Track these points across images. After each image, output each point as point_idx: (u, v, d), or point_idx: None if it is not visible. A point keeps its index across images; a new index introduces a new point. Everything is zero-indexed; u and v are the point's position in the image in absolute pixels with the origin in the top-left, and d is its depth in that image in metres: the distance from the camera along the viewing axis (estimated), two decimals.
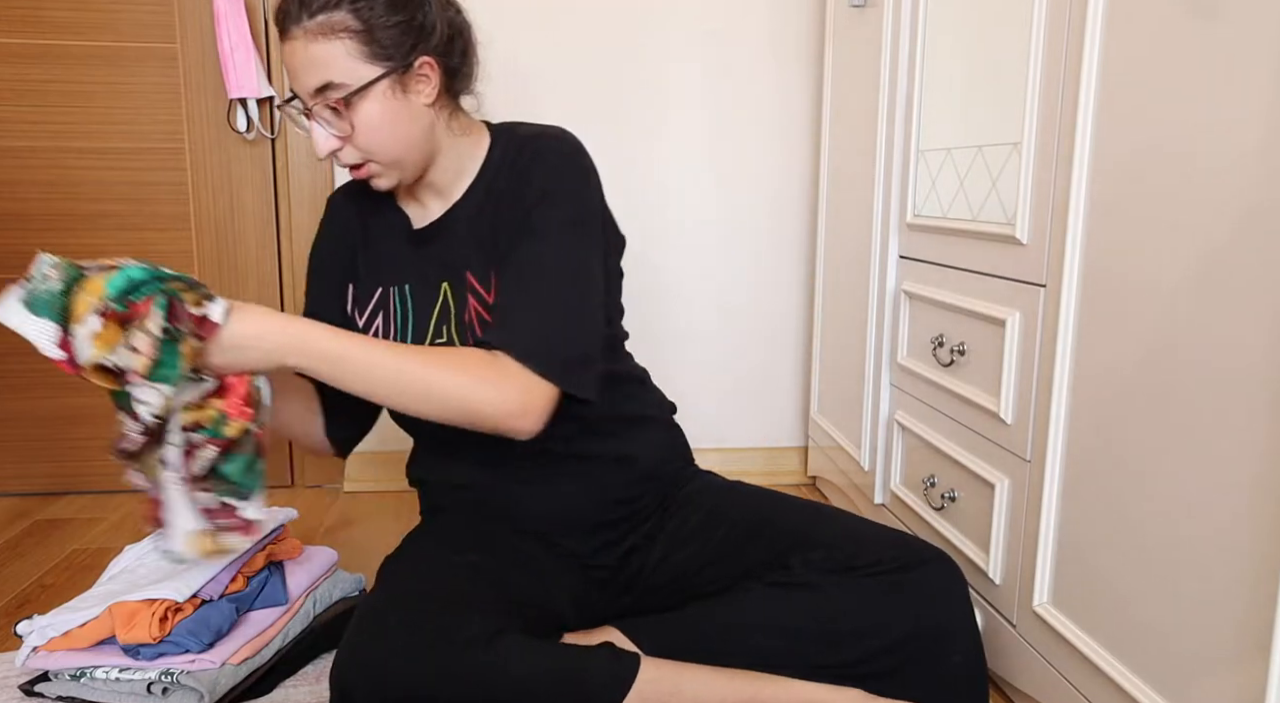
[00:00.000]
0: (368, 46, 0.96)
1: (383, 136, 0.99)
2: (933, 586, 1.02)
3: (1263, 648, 0.75)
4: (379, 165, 1.02)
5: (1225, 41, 0.80)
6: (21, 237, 1.92)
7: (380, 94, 0.97)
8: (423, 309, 1.10)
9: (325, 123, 0.98)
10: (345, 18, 0.95)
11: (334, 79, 0.96)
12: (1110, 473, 0.97)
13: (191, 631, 1.12)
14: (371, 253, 1.14)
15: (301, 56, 0.96)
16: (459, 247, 1.09)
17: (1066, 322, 1.03)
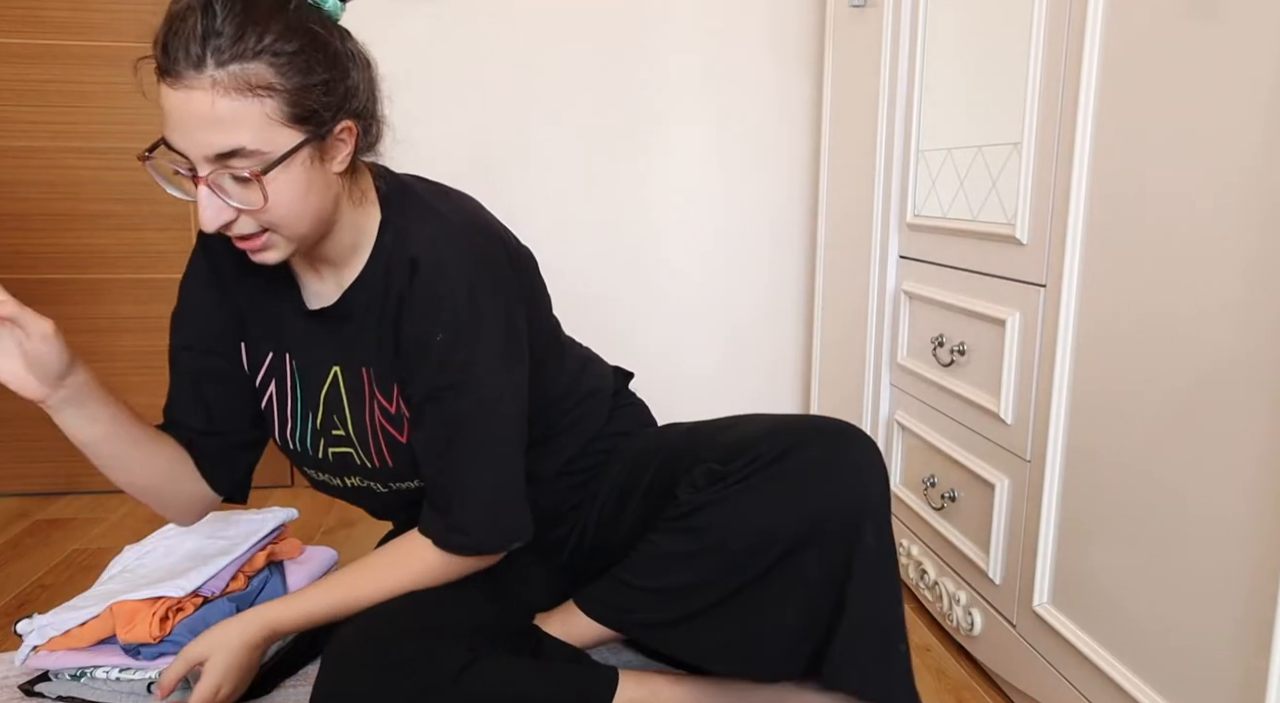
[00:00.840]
0: (290, 108, 0.79)
1: (295, 209, 0.83)
2: (814, 467, 0.92)
3: (1263, 648, 0.75)
4: (279, 238, 0.85)
5: (1225, 41, 0.80)
6: (21, 237, 1.92)
7: (299, 163, 0.81)
8: (311, 387, 1.01)
9: (222, 193, 0.80)
10: (265, 72, 0.77)
11: (247, 146, 0.78)
12: (1110, 473, 0.97)
13: (192, 630, 1.12)
14: (260, 312, 1.01)
15: (203, 112, 0.77)
16: (355, 339, 0.97)
17: (1066, 322, 1.03)
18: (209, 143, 0.78)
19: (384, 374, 0.97)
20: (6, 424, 1.99)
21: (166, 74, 0.80)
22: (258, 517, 1.36)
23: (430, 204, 0.96)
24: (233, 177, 0.80)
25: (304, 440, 1.03)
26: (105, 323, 1.97)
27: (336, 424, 1.01)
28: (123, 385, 1.99)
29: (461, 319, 0.92)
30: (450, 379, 0.92)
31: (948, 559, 1.35)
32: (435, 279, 0.91)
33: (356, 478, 1.05)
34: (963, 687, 1.25)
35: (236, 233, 0.84)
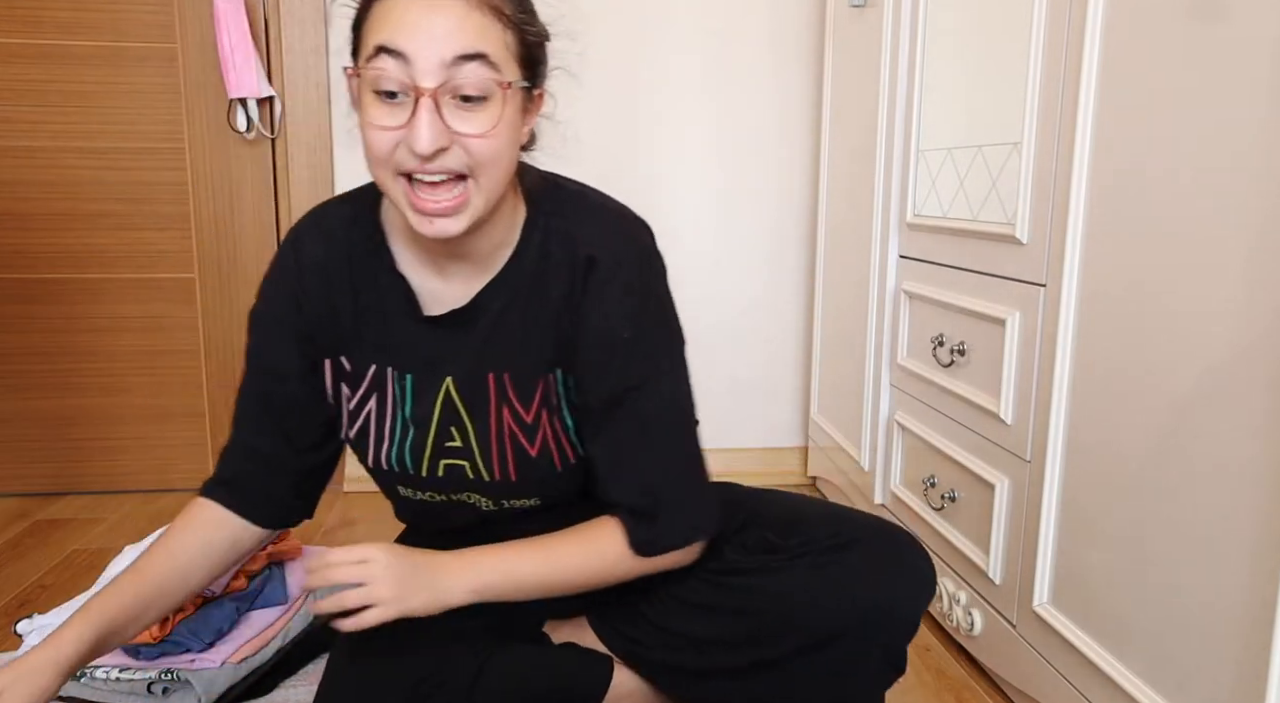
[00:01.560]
0: (520, 46, 0.78)
1: (505, 153, 0.79)
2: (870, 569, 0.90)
3: (1263, 648, 0.75)
4: (479, 192, 0.79)
5: (1225, 41, 0.80)
6: (21, 237, 1.92)
7: (516, 103, 0.78)
8: (423, 399, 0.93)
9: (455, 108, 0.75)
10: (508, 5, 0.78)
11: (490, 55, 0.75)
12: (1110, 473, 0.97)
13: (192, 630, 1.12)
14: (363, 324, 0.92)
15: (454, 17, 0.73)
16: (485, 343, 0.90)
17: (1066, 322, 1.03)
18: (454, 45, 0.73)
19: (525, 378, 0.91)
20: (6, 424, 1.99)
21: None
22: None
23: (592, 200, 0.93)
24: (461, 98, 0.75)
25: (403, 458, 0.94)
26: (105, 323, 1.97)
27: (453, 436, 0.93)
28: (123, 385, 1.99)
29: (644, 317, 0.90)
30: (638, 378, 0.89)
31: (948, 559, 1.35)
32: (616, 277, 0.88)
33: (463, 494, 0.97)
34: (963, 687, 1.25)
35: (443, 165, 0.76)
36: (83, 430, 2.01)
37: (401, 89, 0.74)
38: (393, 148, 0.75)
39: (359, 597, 0.81)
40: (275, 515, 0.96)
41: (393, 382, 0.93)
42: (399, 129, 0.74)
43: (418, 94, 0.73)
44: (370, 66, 0.74)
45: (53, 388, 1.98)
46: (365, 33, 0.76)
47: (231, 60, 1.83)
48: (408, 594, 0.82)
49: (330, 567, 0.82)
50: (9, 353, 1.96)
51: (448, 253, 0.88)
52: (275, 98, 1.92)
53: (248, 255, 1.99)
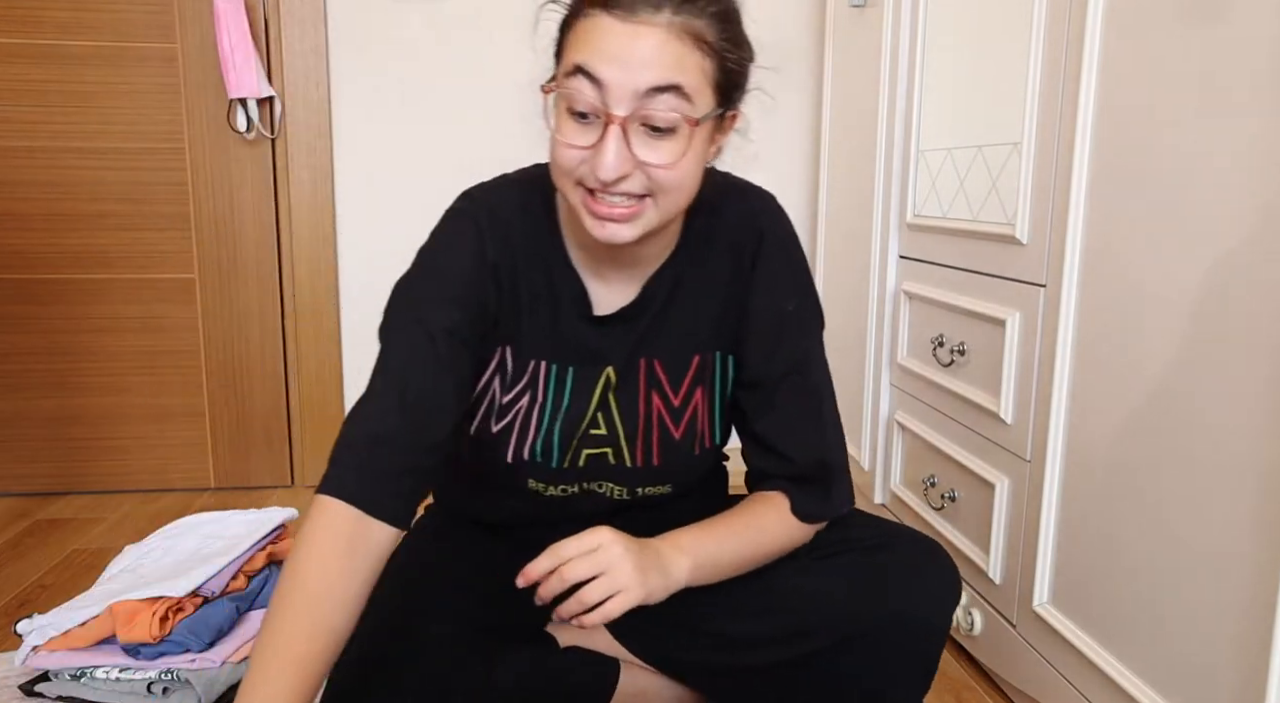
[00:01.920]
0: (718, 73, 0.79)
1: (688, 179, 0.79)
2: (899, 571, 0.91)
3: (1263, 648, 0.75)
4: (652, 210, 0.79)
5: (1225, 41, 0.80)
6: (21, 237, 1.92)
7: (705, 132, 0.79)
8: (581, 397, 0.92)
9: (643, 136, 0.76)
10: (707, 28, 0.77)
11: (684, 86, 0.75)
12: (1110, 473, 0.97)
13: (192, 630, 1.12)
14: (531, 316, 0.90)
15: (651, 47, 0.73)
16: (645, 333, 0.91)
17: (1066, 322, 1.03)
18: (649, 76, 0.74)
19: (678, 363, 0.93)
20: (6, 424, 1.99)
21: (615, 8, 0.74)
22: (258, 517, 1.36)
23: (735, 182, 0.95)
24: (650, 128, 0.76)
25: (549, 449, 0.92)
26: (105, 323, 1.97)
27: (599, 424, 0.93)
28: (123, 385, 1.99)
29: (801, 288, 0.94)
30: (803, 351, 0.93)
31: None
32: (778, 253, 0.92)
33: (592, 483, 0.95)
34: (963, 687, 1.25)
35: (623, 188, 0.77)
36: (83, 430, 2.01)
37: (593, 112, 0.75)
38: (578, 164, 0.77)
39: (603, 588, 0.77)
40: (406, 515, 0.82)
41: (550, 376, 0.92)
42: (586, 149, 0.76)
43: (608, 120, 0.74)
44: (566, 85, 0.75)
45: (53, 388, 1.98)
46: (567, 45, 0.78)
47: (231, 60, 1.83)
48: (647, 577, 0.80)
49: (565, 564, 0.78)
50: (9, 353, 1.96)
51: (615, 255, 0.88)
52: (275, 98, 1.92)
53: (248, 255, 1.99)
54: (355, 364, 2.06)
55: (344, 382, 2.06)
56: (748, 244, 0.91)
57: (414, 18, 1.93)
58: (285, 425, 2.06)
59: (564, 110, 0.77)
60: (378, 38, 1.94)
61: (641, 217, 0.79)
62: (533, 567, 0.79)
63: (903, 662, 0.93)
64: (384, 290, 1.97)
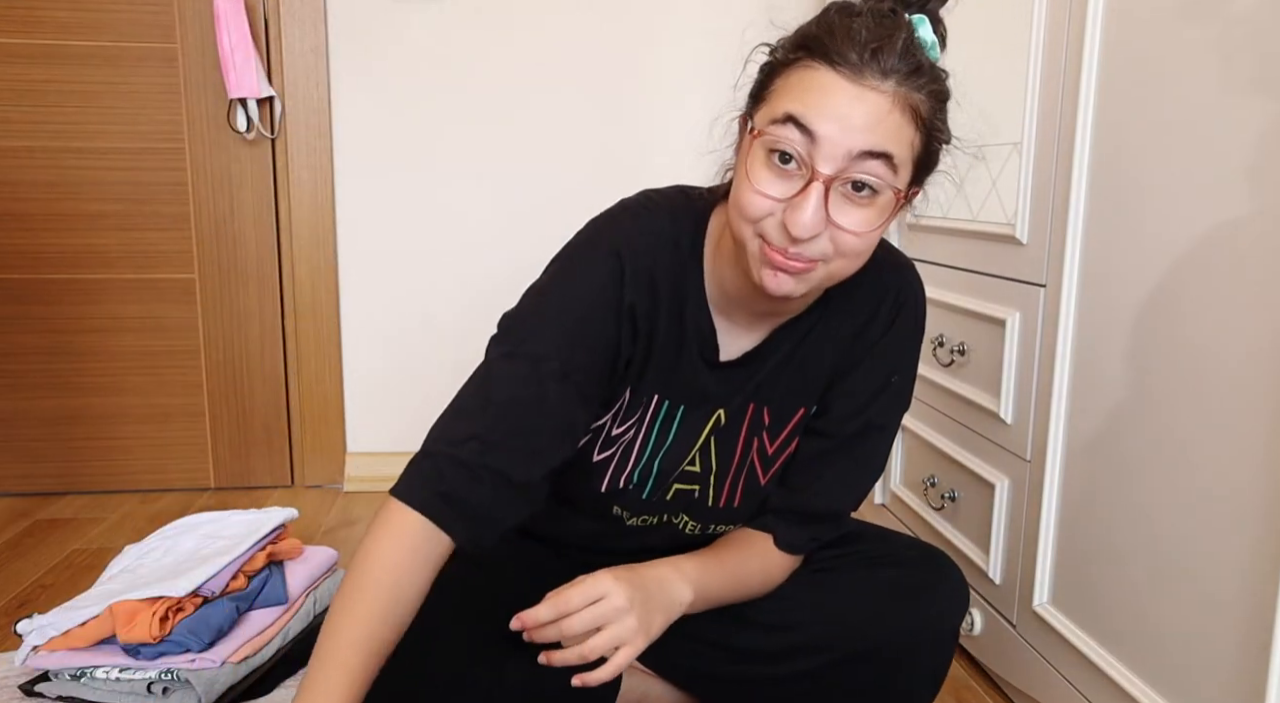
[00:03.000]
0: (922, 148, 0.76)
1: (866, 249, 0.77)
2: (908, 585, 0.93)
3: (1263, 648, 0.75)
4: (825, 271, 0.77)
5: (1225, 41, 0.80)
6: (21, 236, 1.92)
7: (894, 201, 0.76)
8: (687, 435, 0.91)
9: (842, 199, 0.74)
10: (924, 104, 0.74)
11: (895, 156, 0.73)
12: (1110, 473, 0.97)
13: (192, 630, 1.12)
14: (655, 357, 0.88)
15: (876, 112, 0.72)
16: (762, 379, 0.91)
17: (1066, 322, 1.03)
18: (867, 140, 0.72)
19: (786, 412, 0.93)
20: (6, 424, 1.99)
21: (842, 66, 0.72)
22: (257, 517, 1.36)
23: (886, 246, 0.92)
24: (852, 188, 0.74)
25: (645, 482, 0.92)
26: (105, 323, 1.97)
27: (695, 462, 0.93)
28: (123, 385, 1.99)
29: (911, 367, 0.94)
30: (881, 420, 0.93)
31: None
32: (913, 326, 0.93)
33: (672, 516, 0.95)
34: (963, 687, 1.25)
35: (807, 251, 0.75)
36: (83, 430, 2.01)
37: (798, 161, 0.73)
38: (765, 214, 0.75)
39: (607, 641, 0.76)
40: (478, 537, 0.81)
41: (660, 412, 0.91)
42: (780, 200, 0.74)
43: (813, 176, 0.72)
44: (773, 131, 0.73)
45: (53, 388, 1.98)
46: (778, 89, 0.76)
47: (231, 60, 1.83)
48: (650, 619, 0.79)
49: (570, 620, 0.76)
50: (9, 353, 1.96)
51: (754, 305, 0.87)
52: (275, 98, 1.92)
53: (248, 255, 1.99)
54: (355, 364, 2.06)
55: (344, 382, 2.06)
56: (885, 313, 0.90)
57: (414, 18, 1.93)
58: (285, 425, 2.07)
59: (763, 157, 0.75)
60: (378, 38, 1.94)
61: (814, 274, 0.77)
62: (531, 615, 0.77)
63: (912, 675, 0.94)
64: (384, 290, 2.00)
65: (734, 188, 0.78)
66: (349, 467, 2.08)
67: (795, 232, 0.73)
